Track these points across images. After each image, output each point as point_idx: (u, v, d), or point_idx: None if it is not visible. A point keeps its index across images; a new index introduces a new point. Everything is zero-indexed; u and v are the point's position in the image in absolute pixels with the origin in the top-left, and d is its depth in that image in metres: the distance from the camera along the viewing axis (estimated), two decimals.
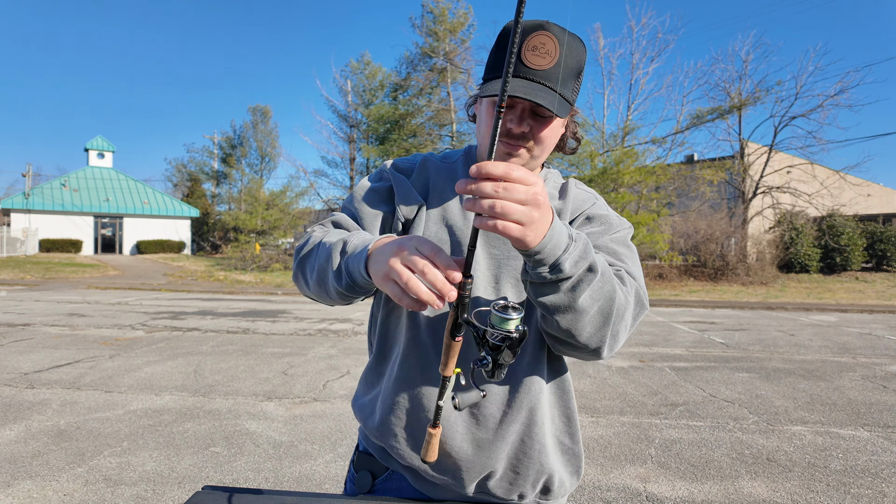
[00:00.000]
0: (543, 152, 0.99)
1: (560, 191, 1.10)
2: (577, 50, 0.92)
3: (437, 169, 1.11)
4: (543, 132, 0.96)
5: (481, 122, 1.01)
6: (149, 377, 5.02)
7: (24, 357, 5.76)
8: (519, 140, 0.95)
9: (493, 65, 0.95)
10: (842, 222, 18.75)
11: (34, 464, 3.10)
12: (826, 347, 7.11)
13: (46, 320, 8.43)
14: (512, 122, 0.93)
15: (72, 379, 4.90)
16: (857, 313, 11.24)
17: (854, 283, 16.79)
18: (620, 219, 1.07)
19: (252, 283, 16.63)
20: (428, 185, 1.09)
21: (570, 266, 0.74)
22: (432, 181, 1.10)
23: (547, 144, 0.99)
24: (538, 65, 0.89)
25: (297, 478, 3.01)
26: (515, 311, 0.72)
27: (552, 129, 0.97)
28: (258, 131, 35.66)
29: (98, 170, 35.11)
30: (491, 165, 0.62)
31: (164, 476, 2.98)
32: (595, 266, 0.78)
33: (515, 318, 0.71)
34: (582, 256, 0.76)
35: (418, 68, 24.22)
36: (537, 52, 0.89)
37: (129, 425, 3.75)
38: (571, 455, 1.04)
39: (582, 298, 0.78)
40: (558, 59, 0.89)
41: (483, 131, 0.99)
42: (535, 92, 0.87)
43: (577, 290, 0.77)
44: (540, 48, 0.88)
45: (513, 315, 0.72)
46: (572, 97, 0.95)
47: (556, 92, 0.90)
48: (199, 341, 6.90)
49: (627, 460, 3.32)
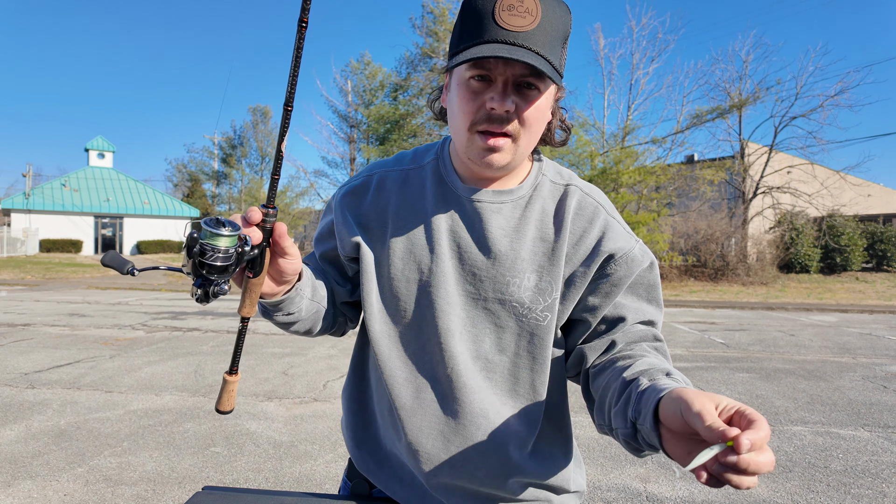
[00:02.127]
0: (531, 140, 0.83)
1: (558, 204, 0.90)
2: (560, 10, 0.78)
3: (401, 185, 0.94)
4: (529, 111, 0.79)
5: (454, 105, 0.82)
6: (149, 377, 5.02)
7: (25, 357, 5.76)
8: (502, 124, 0.79)
9: (460, 35, 0.79)
10: (842, 222, 18.74)
11: (34, 464, 3.10)
12: (826, 348, 7.10)
13: (47, 320, 8.43)
14: (492, 100, 0.77)
15: (72, 379, 4.91)
16: (858, 313, 11.23)
17: (854, 284, 16.78)
18: (641, 248, 0.90)
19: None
20: (387, 211, 0.93)
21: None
22: (394, 205, 0.93)
23: (534, 129, 0.82)
24: (517, 25, 0.74)
25: (298, 478, 3.01)
26: (229, 228, 0.68)
27: (539, 108, 0.80)
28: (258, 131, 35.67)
29: (98, 170, 35.12)
30: (762, 464, 0.52)
31: (165, 476, 2.98)
32: None
33: (227, 234, 0.67)
34: None
35: (418, 68, 24.23)
36: (515, 12, 0.74)
37: (129, 425, 3.75)
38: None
39: None
40: (541, 20, 0.75)
41: (457, 112, 0.82)
42: (520, 54, 0.72)
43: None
44: (517, 6, 0.74)
45: (223, 231, 0.67)
46: (561, 67, 0.79)
47: (543, 56, 0.75)
48: (200, 341, 6.90)
49: (627, 460, 3.32)
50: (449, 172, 0.92)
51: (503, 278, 0.87)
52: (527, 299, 0.86)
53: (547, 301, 0.87)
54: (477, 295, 0.88)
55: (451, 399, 0.89)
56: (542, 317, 0.87)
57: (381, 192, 0.94)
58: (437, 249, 0.88)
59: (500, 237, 0.87)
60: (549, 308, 0.87)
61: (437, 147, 0.98)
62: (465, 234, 0.88)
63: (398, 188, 0.94)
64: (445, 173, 0.93)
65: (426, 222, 0.90)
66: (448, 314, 0.88)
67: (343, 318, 1.03)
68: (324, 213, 1.03)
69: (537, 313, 0.87)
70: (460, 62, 0.75)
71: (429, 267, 0.88)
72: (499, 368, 0.89)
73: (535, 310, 0.87)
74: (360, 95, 27.43)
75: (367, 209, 0.94)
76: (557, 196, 0.91)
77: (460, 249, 0.88)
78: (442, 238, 0.89)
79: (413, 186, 0.93)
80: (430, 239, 0.89)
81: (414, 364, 0.91)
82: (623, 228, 0.90)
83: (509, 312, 0.87)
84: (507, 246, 0.87)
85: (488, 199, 0.88)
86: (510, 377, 0.89)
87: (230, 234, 0.68)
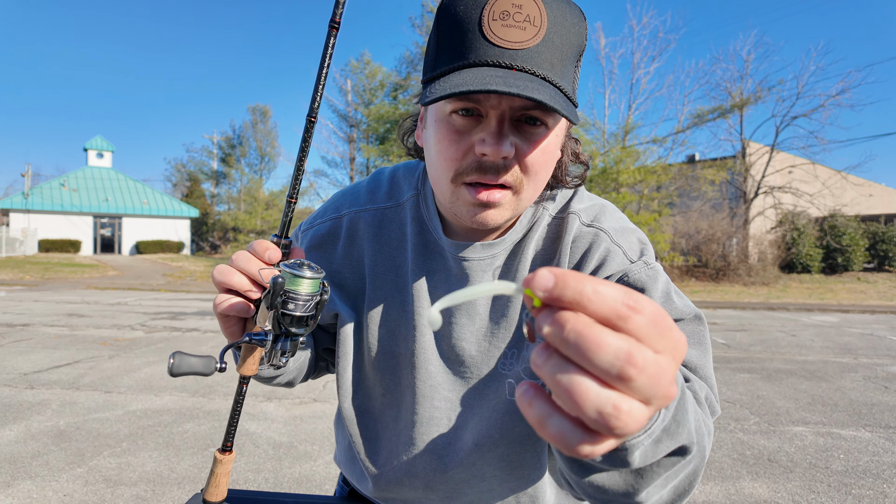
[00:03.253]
0: (535, 189, 0.65)
1: (553, 243, 0.74)
2: (572, 17, 0.59)
3: (376, 231, 0.78)
4: (534, 155, 0.61)
5: (432, 148, 0.64)
6: (148, 378, 5.00)
7: (24, 357, 5.75)
8: (498, 174, 0.60)
9: (436, 53, 0.61)
10: (843, 222, 18.73)
11: (34, 464, 3.08)
12: (828, 348, 7.09)
13: (46, 320, 8.41)
14: (483, 143, 0.59)
15: (71, 379, 4.89)
16: (859, 314, 11.21)
17: (856, 284, 16.77)
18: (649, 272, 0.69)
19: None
20: (363, 264, 0.78)
21: (639, 457, 0.44)
22: (369, 258, 0.78)
23: (540, 176, 0.64)
24: (514, 41, 0.55)
25: (297, 478, 2.99)
26: (312, 271, 0.58)
27: (547, 150, 0.62)
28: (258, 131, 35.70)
29: (97, 170, 35.12)
30: (596, 300, 0.29)
31: (164, 477, 2.97)
32: (688, 446, 0.47)
33: (310, 276, 0.57)
34: (668, 433, 0.45)
35: (418, 68, 24.24)
36: (510, 22, 0.55)
37: (128, 426, 3.73)
38: None
39: (651, 486, 0.50)
40: (547, 31, 0.56)
41: (437, 158, 0.63)
42: (521, 83, 0.54)
43: (645, 477, 0.49)
44: (514, 13, 0.55)
45: (306, 273, 0.57)
46: (573, 94, 0.60)
47: (550, 83, 0.56)
48: (199, 342, 6.89)
49: None
50: (431, 216, 0.76)
51: (495, 352, 0.74)
52: (524, 374, 0.73)
53: None
54: (463, 374, 0.75)
55: (438, 495, 0.78)
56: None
57: (353, 241, 0.78)
58: (419, 321, 0.75)
59: (490, 303, 0.75)
60: None
61: (418, 177, 0.80)
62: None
63: (373, 235, 0.78)
64: (427, 217, 0.76)
65: (406, 284, 0.76)
66: (430, 399, 0.76)
67: (324, 362, 0.93)
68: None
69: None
70: (436, 98, 0.55)
71: (409, 342, 0.76)
72: (493, 456, 0.75)
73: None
74: (359, 95, 27.45)
75: (339, 264, 0.79)
76: (553, 232, 0.74)
77: (444, 320, 0.75)
78: (423, 306, 0.75)
79: (390, 233, 0.78)
80: (410, 305, 0.76)
81: (390, 451, 0.80)
82: (624, 252, 0.71)
83: (502, 392, 0.74)
84: (499, 313, 0.74)
85: (477, 255, 0.73)
86: (506, 464, 0.76)
87: (313, 276, 0.57)
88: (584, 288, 0.28)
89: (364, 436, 0.82)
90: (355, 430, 0.82)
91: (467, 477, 0.77)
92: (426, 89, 0.61)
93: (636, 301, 0.28)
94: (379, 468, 0.81)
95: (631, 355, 0.27)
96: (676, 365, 0.30)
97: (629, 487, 0.49)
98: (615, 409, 0.28)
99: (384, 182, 0.82)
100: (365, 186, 0.83)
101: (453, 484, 0.77)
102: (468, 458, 0.76)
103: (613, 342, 0.27)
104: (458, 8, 0.58)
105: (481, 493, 0.78)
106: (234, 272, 0.60)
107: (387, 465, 0.80)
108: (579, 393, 0.28)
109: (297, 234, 0.84)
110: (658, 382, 0.28)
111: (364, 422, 0.82)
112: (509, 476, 0.77)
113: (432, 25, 0.63)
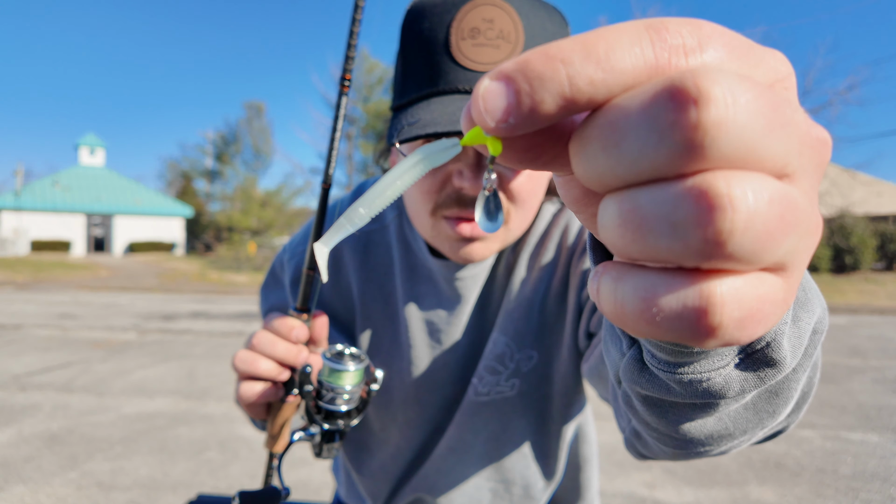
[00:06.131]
0: (526, 215, 0.63)
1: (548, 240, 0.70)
2: (551, 23, 0.53)
3: (362, 258, 0.73)
4: (519, 182, 0.58)
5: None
6: (141, 380, 4.98)
7: (15, 359, 5.71)
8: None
9: (403, 79, 0.56)
10: (852, 222, 18.22)
11: (26, 468, 3.07)
12: (836, 350, 7.05)
13: (37, 322, 8.35)
14: (461, 175, 0.55)
15: (63, 382, 4.86)
16: (868, 315, 11.03)
17: (865, 284, 16.46)
18: None
19: (246, 284, 16.56)
20: (351, 293, 0.74)
21: (788, 348, 0.29)
22: (357, 287, 0.73)
23: (530, 203, 0.61)
24: (488, 62, 0.51)
25: (294, 484, 3.00)
26: (354, 361, 0.53)
27: (532, 174, 0.59)
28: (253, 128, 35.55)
29: (89, 168, 34.89)
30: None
31: (158, 481, 2.96)
32: (822, 324, 0.34)
33: (353, 369, 0.53)
34: (802, 304, 0.31)
35: None
36: (482, 40, 0.50)
37: (122, 429, 3.72)
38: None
39: (790, 403, 0.36)
40: (525, 46, 0.51)
41: (414, 190, 0.60)
42: None
43: (785, 389, 0.34)
44: (485, 30, 0.50)
45: (349, 366, 0.53)
46: None
47: None
48: (193, 344, 6.86)
49: (633, 466, 3.32)
50: (416, 237, 0.71)
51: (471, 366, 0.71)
52: (485, 371, 0.72)
53: (558, 370, 0.72)
54: (456, 398, 0.73)
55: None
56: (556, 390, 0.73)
57: (339, 269, 0.74)
58: (413, 354, 0.71)
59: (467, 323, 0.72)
60: (568, 382, 0.73)
61: (396, 213, 0.76)
62: (446, 326, 0.71)
63: (359, 262, 0.74)
64: (412, 238, 0.72)
65: (396, 313, 0.72)
66: (429, 433, 0.74)
67: None
68: (269, 281, 0.78)
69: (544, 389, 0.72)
70: (403, 140, 0.50)
71: (404, 374, 0.72)
72: (471, 458, 0.74)
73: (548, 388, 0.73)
74: (357, 91, 27.36)
75: (329, 295, 0.74)
76: (550, 231, 0.71)
77: (442, 346, 0.71)
78: (417, 335, 0.71)
79: (377, 258, 0.74)
80: (403, 336, 0.72)
81: (388, 482, 0.78)
82: None
83: (497, 406, 0.72)
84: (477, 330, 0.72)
85: (470, 272, 0.69)
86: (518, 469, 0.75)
87: (356, 367, 0.53)
88: (572, 63, 0.16)
89: (359, 471, 0.80)
90: (348, 462, 0.82)
91: (451, 482, 0.76)
92: (394, 120, 0.56)
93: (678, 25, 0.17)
94: (372, 492, 0.81)
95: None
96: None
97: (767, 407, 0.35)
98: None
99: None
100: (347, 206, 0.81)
101: (442, 490, 0.77)
102: (447, 464, 0.75)
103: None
104: (422, 26, 0.53)
105: (470, 492, 0.78)
106: (259, 359, 0.56)
107: (380, 489, 0.80)
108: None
109: (281, 261, 0.77)
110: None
111: (359, 457, 0.80)
112: (493, 471, 0.77)
113: (399, 41, 0.57)
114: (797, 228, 0.16)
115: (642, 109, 0.15)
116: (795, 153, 0.16)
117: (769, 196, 0.15)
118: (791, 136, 0.15)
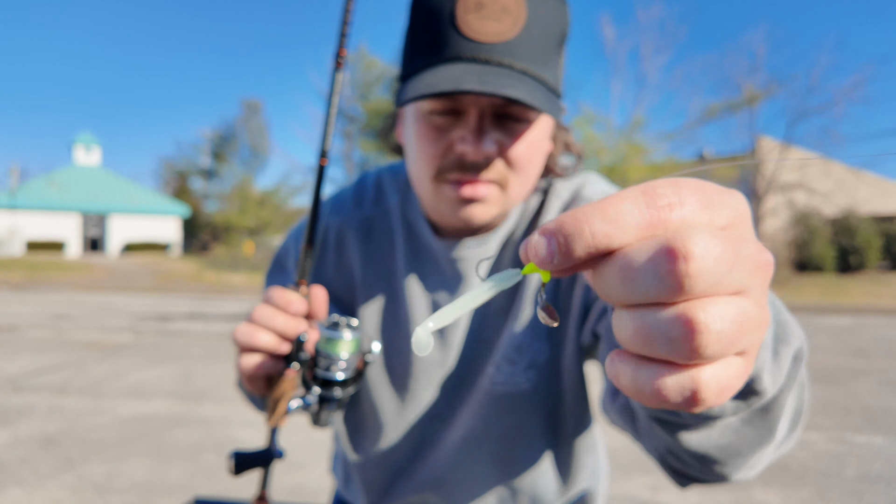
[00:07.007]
0: (525, 183, 0.64)
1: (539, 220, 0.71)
2: (552, 1, 0.57)
3: (364, 241, 0.75)
4: (518, 149, 0.60)
5: (412, 146, 0.63)
6: (137, 382, 4.96)
7: (10, 361, 5.68)
8: (481, 171, 0.59)
9: (411, 49, 0.60)
10: (857, 221, 18.09)
11: (22, 470, 3.06)
12: (841, 351, 7.01)
13: (32, 323, 8.32)
14: (464, 140, 0.58)
15: (59, 383, 4.84)
16: (873, 315, 10.97)
17: (870, 285, 16.21)
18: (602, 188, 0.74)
19: (243, 285, 16.51)
20: (353, 275, 0.76)
21: (769, 380, 0.39)
22: (359, 268, 0.75)
23: (528, 170, 0.63)
24: (491, 32, 0.54)
25: (292, 488, 2.99)
26: (350, 330, 0.55)
27: (533, 143, 0.61)
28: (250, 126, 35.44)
29: (84, 168, 34.75)
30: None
31: (154, 484, 2.95)
32: (801, 352, 0.44)
33: (349, 338, 0.54)
34: (781, 340, 0.42)
35: None
36: (486, 12, 0.53)
37: (117, 432, 3.70)
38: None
39: (783, 420, 0.45)
40: (526, 20, 0.54)
41: (417, 156, 0.62)
42: (498, 79, 0.53)
43: (774, 408, 0.43)
44: (490, 4, 0.53)
45: (345, 335, 0.54)
46: (558, 84, 0.59)
47: (531, 76, 0.55)
48: (189, 345, 6.84)
49: (636, 469, 3.31)
50: (418, 220, 0.73)
51: (484, 350, 0.71)
52: (503, 361, 0.71)
53: (566, 366, 0.73)
54: (468, 385, 0.72)
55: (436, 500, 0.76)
56: (566, 387, 0.74)
57: (342, 252, 0.76)
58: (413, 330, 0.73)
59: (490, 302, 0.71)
60: (574, 378, 0.74)
61: (404, 180, 0.77)
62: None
63: (361, 244, 0.75)
64: (415, 220, 0.73)
65: (398, 292, 0.73)
66: (427, 416, 0.73)
67: None
68: (275, 266, 0.81)
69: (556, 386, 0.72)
70: (409, 99, 0.54)
71: (405, 358, 0.72)
72: (482, 454, 0.73)
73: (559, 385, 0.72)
74: (356, 88, 27.22)
75: (331, 275, 0.76)
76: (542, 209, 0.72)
77: (443, 330, 0.71)
78: (419, 313, 0.72)
79: (379, 241, 0.75)
80: (404, 318, 0.73)
81: (390, 473, 0.78)
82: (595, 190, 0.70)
83: (486, 384, 0.71)
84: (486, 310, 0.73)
85: (471, 253, 0.70)
86: (497, 461, 0.74)
87: (352, 336, 0.55)
88: (593, 224, 0.23)
89: (359, 452, 0.80)
90: (349, 446, 0.82)
91: (459, 478, 0.75)
92: (401, 87, 0.60)
93: (668, 192, 0.24)
94: (372, 484, 0.81)
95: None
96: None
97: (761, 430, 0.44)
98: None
99: (369, 188, 0.79)
100: (350, 193, 0.80)
101: (448, 487, 0.76)
102: (457, 458, 0.74)
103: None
104: (430, 0, 0.57)
105: (477, 494, 0.76)
106: (258, 331, 0.58)
107: (380, 480, 0.80)
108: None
109: (288, 246, 0.80)
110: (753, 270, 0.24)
111: (358, 440, 0.80)
112: (502, 474, 0.75)
113: (407, 18, 0.60)
114: (751, 329, 0.23)
115: (648, 260, 0.22)
116: (748, 276, 0.23)
117: (731, 316, 0.22)
118: (745, 267, 0.23)
